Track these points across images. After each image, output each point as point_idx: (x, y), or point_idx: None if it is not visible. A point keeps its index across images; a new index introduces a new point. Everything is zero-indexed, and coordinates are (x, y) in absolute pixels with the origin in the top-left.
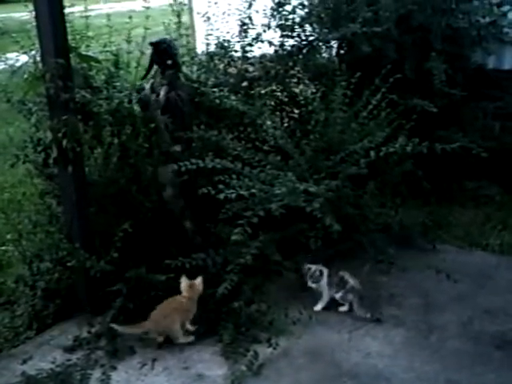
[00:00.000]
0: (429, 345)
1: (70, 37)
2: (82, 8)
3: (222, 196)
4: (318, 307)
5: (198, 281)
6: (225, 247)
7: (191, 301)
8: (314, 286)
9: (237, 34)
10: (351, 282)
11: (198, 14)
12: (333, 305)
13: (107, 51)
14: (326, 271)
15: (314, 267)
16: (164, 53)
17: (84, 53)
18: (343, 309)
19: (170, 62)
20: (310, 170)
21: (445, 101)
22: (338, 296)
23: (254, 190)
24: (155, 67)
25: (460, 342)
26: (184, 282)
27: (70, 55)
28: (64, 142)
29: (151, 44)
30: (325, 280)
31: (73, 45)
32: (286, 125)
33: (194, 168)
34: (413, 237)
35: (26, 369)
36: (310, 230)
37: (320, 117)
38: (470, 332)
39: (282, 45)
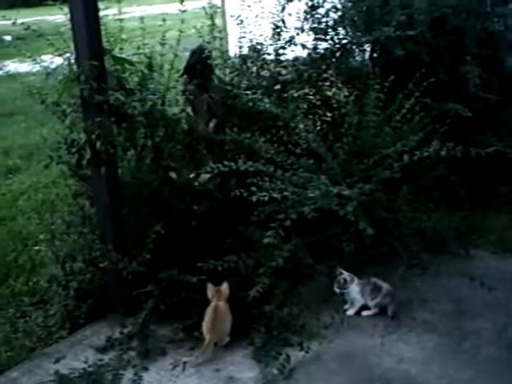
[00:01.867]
0: (462, 351)
1: (104, 39)
2: (115, 11)
3: (254, 198)
4: (351, 312)
5: (224, 286)
6: (256, 250)
7: (227, 304)
8: (339, 291)
9: (270, 36)
10: (385, 286)
11: (231, 16)
12: (364, 310)
13: (141, 53)
14: (354, 279)
15: (343, 274)
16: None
17: (118, 55)
18: (367, 313)
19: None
20: (342, 173)
21: (479, 105)
22: (374, 302)
23: (286, 193)
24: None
25: (494, 348)
26: (210, 289)
27: (104, 57)
28: (98, 144)
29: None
30: (354, 288)
31: (107, 47)
32: (318, 128)
33: (226, 170)
34: (446, 242)
35: (58, 368)
36: (343, 234)
37: (353, 120)
38: (505, 339)
39: (315, 48)
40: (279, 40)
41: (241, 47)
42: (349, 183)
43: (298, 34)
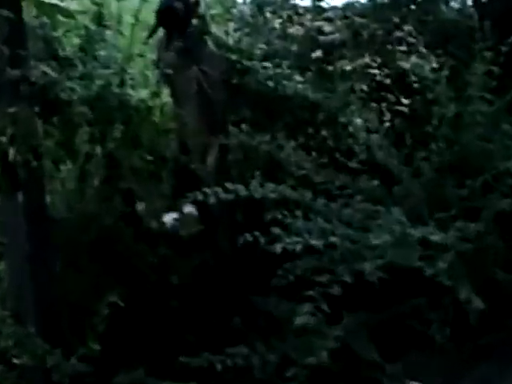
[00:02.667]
0: None
1: None
2: None
3: (278, 248)
4: None
5: None
6: (282, 336)
7: None
8: None
9: None
10: None
11: None
12: None
13: None
14: None
15: None
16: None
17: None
18: None
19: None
20: (429, 203)
21: None
22: None
23: (333, 239)
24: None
25: None
26: None
27: (22, 3)
28: (11, 152)
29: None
30: None
31: None
32: (387, 125)
33: (230, 199)
34: None
35: None
36: (431, 309)
37: (447, 111)
38: None
39: None
40: None
41: None
42: (440, 220)
43: None
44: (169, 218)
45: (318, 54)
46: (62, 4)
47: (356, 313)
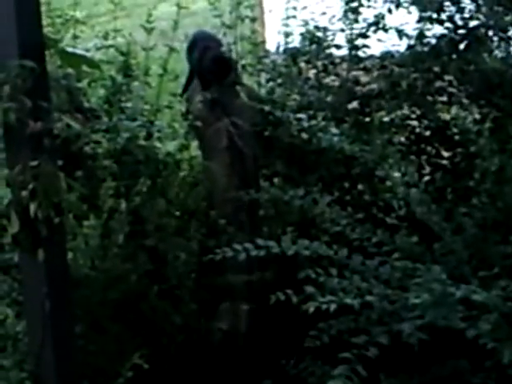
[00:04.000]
0: None
1: (45, 22)
2: None
3: (311, 307)
4: None
5: None
6: None
7: None
8: None
9: (340, 16)
10: None
11: None
12: None
13: (110, 46)
14: None
15: None
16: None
17: (70, 49)
18: None
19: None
20: (471, 260)
21: None
22: None
23: (369, 298)
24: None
25: None
26: None
27: (46, 53)
28: (32, 207)
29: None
30: None
31: (51, 36)
32: (427, 178)
33: (261, 255)
34: None
35: None
36: (474, 372)
37: (490, 165)
38: None
39: (421, 35)
40: (357, 22)
41: (288, 35)
42: (483, 279)
43: (389, 12)
44: None
45: (354, 105)
46: (87, 54)
47: (395, 377)
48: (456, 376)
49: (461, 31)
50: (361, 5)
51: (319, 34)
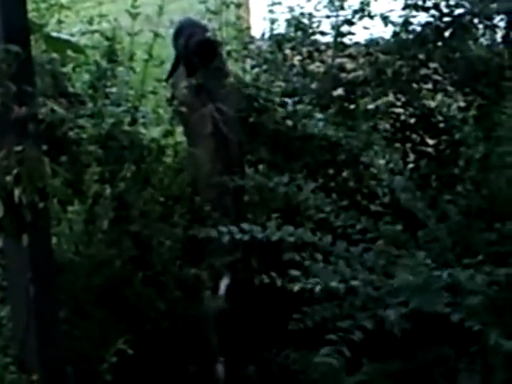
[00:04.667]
0: None
1: (30, 6)
2: None
3: (296, 287)
4: None
5: None
6: None
7: None
8: None
9: (325, 2)
10: None
11: None
12: None
13: (95, 32)
14: None
15: None
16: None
17: (54, 34)
18: None
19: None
20: (455, 248)
21: None
22: None
23: (354, 283)
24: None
25: None
26: None
27: (31, 38)
28: (16, 192)
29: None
30: None
31: (35, 20)
32: (411, 166)
33: (245, 239)
34: None
35: None
36: (458, 358)
37: (475, 152)
38: None
39: (406, 23)
40: (342, 9)
41: (273, 21)
42: (467, 266)
43: None
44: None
45: (339, 92)
46: (72, 39)
47: (377, 361)
48: (440, 362)
49: (446, 19)
50: None
51: (304, 20)
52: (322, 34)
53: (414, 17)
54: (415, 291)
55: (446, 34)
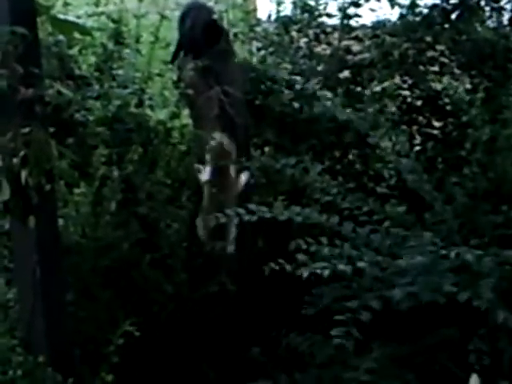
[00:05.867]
0: None
1: None
2: None
3: (305, 273)
4: None
5: None
6: (306, 368)
7: None
8: None
9: None
10: None
11: None
12: None
13: (101, 14)
14: None
15: None
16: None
17: (61, 16)
18: None
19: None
20: (462, 230)
21: None
22: None
23: (361, 264)
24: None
25: None
26: None
27: (37, 20)
28: (23, 174)
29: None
30: None
31: (42, 2)
32: (418, 148)
33: (253, 220)
34: None
35: None
36: (466, 339)
37: (481, 135)
38: None
39: (413, 5)
40: None
41: (280, 3)
42: (474, 247)
43: None
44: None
45: (345, 74)
46: (78, 21)
47: (386, 344)
48: (448, 344)
49: (453, 1)
50: None
51: (311, 2)
52: (329, 16)
53: None
54: (422, 271)
55: (453, 16)
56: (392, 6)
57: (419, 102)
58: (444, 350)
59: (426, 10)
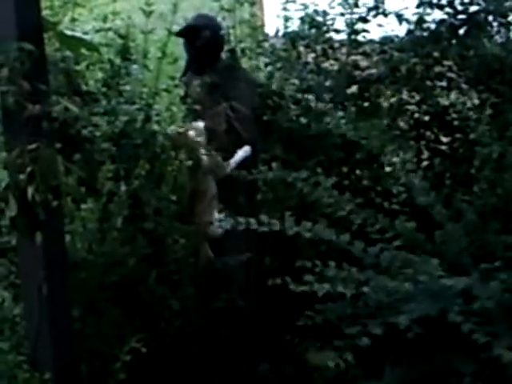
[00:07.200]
0: None
1: (44, 4)
2: None
3: (299, 289)
4: None
5: None
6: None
7: None
8: None
9: (339, 0)
10: None
11: None
12: None
13: (108, 29)
14: None
15: None
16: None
17: (68, 32)
18: None
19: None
20: (469, 247)
21: None
22: None
23: (365, 289)
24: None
25: None
26: None
27: (45, 36)
28: (29, 191)
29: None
30: None
31: (49, 18)
32: (426, 164)
33: (263, 230)
34: None
35: None
36: (464, 363)
37: (491, 151)
38: None
39: (420, 20)
40: (357, 6)
41: (287, 19)
42: (483, 272)
43: None
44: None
45: (353, 89)
46: (85, 37)
47: (398, 365)
48: (448, 368)
49: (461, 16)
50: None
51: (319, 18)
52: (336, 31)
53: (428, 14)
54: (427, 298)
55: (461, 31)
56: (400, 22)
57: (427, 118)
58: (455, 373)
59: (433, 26)
